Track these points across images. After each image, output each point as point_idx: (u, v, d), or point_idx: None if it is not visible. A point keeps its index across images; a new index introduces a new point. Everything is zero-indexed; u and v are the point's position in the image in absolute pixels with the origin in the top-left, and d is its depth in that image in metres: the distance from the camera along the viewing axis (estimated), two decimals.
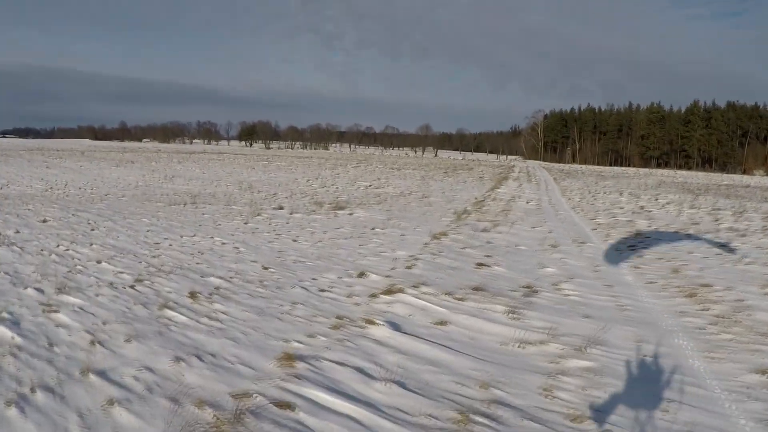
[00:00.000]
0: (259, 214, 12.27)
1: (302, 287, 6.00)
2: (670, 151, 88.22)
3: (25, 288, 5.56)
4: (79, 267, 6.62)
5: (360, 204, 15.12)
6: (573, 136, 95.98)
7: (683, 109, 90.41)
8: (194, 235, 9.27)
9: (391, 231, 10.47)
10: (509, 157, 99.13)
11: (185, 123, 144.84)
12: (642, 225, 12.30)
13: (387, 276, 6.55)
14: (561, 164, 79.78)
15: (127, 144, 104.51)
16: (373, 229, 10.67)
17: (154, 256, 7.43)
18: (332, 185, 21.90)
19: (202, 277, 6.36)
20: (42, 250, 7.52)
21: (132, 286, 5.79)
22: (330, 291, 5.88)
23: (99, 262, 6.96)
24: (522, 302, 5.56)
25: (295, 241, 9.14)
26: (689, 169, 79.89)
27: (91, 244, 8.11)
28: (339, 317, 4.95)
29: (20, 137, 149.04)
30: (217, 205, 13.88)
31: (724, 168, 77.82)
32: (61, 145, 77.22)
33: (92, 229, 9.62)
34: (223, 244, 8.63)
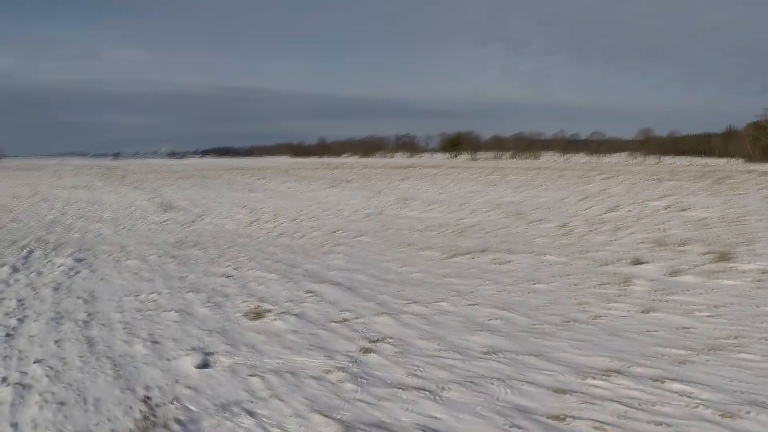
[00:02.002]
0: (627, 284, 6.60)
1: None
2: None
3: None
4: None
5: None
6: None
7: None
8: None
9: None
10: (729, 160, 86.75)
11: (384, 136, 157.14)
12: None
13: None
14: None
15: (330, 160, 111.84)
16: None
17: None
18: (627, 210, 15.45)
19: None
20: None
21: None
22: None
23: None
24: None
25: None
26: None
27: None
28: None
29: (219, 156, 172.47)
30: (522, 255, 9.16)
31: None
32: (260, 163, 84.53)
33: (371, 348, 4.72)
34: None
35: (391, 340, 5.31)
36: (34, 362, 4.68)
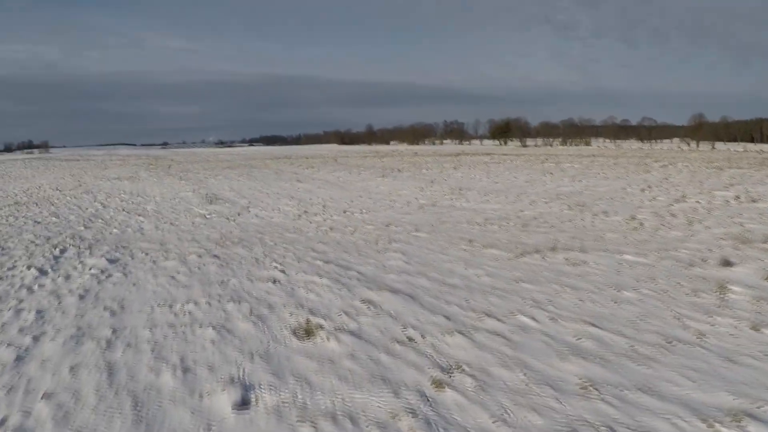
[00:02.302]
0: (723, 292, 6.02)
1: None
2: None
3: None
4: None
5: None
6: None
7: None
8: None
9: None
10: None
11: (431, 123, 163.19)
12: None
13: None
14: None
15: (379, 147, 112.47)
16: None
17: None
18: (695, 201, 14.48)
19: None
20: None
21: None
22: None
23: None
24: None
25: None
26: None
27: None
28: None
29: (267, 144, 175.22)
30: (597, 254, 8.22)
31: None
32: (308, 151, 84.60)
33: (444, 380, 3.93)
34: None
35: (467, 369, 4.44)
36: (42, 398, 3.99)
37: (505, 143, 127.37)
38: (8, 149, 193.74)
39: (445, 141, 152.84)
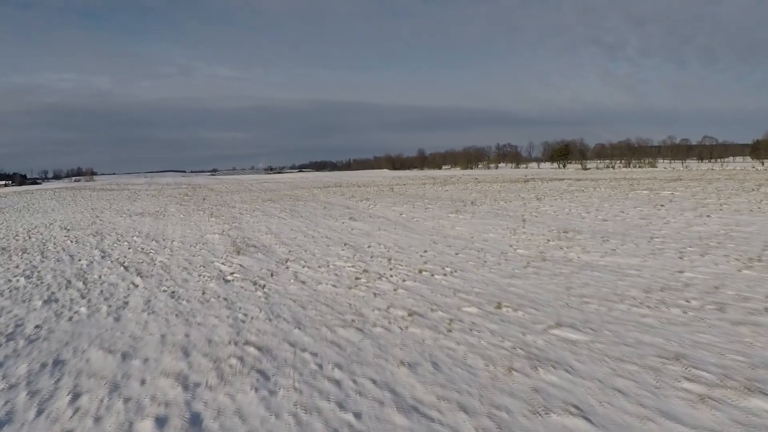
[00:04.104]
0: None
1: None
2: None
3: None
4: None
5: None
6: None
7: None
8: None
9: None
10: None
11: (483, 147, 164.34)
12: None
13: None
14: None
15: (435, 173, 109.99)
16: None
17: None
18: None
19: None
20: None
21: None
22: None
23: None
24: None
25: None
26: None
27: None
28: None
29: (317, 170, 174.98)
30: None
31: None
32: (359, 177, 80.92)
33: None
34: None
35: None
36: None
37: (564, 166, 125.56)
38: (57, 177, 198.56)
39: (500, 165, 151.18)
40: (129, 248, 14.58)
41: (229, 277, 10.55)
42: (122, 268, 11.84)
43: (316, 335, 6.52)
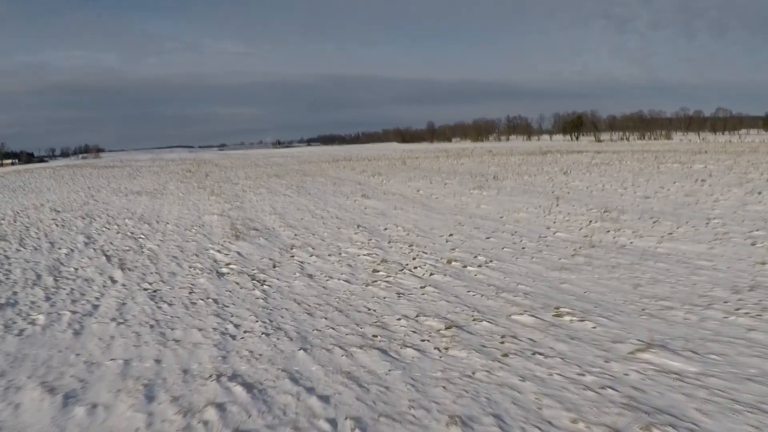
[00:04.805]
0: None
1: None
2: None
3: None
4: None
5: None
6: None
7: None
8: None
9: None
10: None
11: (493, 119, 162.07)
12: None
13: None
14: None
15: (446, 145, 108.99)
16: None
17: None
18: None
19: None
20: None
21: None
22: None
23: None
24: None
25: None
26: None
27: None
28: None
29: (325, 144, 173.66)
30: None
31: None
32: (369, 151, 79.05)
33: None
34: None
35: None
36: None
37: (577, 138, 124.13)
38: (65, 154, 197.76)
39: (510, 137, 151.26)
40: (117, 233, 13.05)
41: (224, 269, 9.00)
42: (104, 257, 10.32)
43: (328, 362, 4.89)
